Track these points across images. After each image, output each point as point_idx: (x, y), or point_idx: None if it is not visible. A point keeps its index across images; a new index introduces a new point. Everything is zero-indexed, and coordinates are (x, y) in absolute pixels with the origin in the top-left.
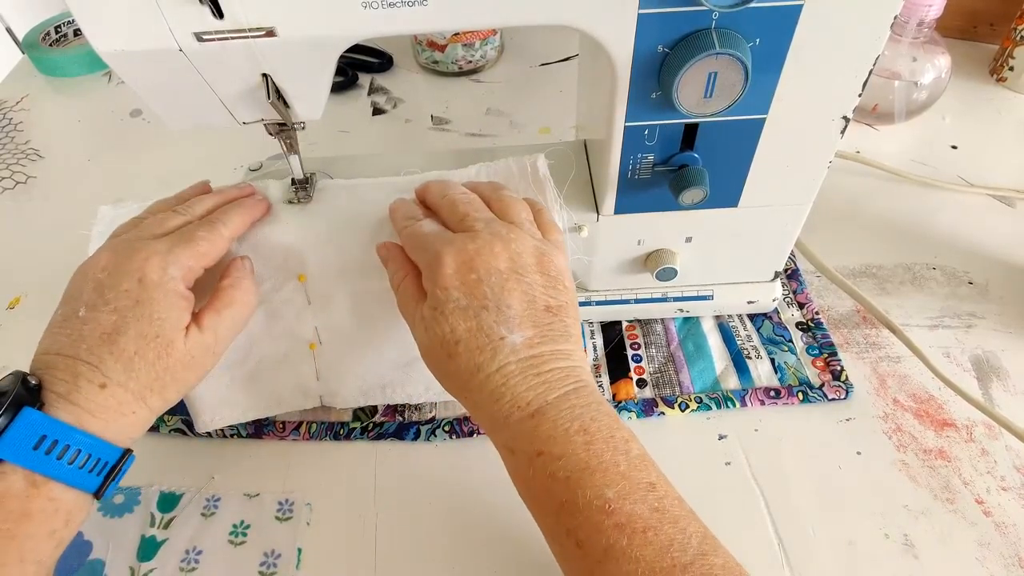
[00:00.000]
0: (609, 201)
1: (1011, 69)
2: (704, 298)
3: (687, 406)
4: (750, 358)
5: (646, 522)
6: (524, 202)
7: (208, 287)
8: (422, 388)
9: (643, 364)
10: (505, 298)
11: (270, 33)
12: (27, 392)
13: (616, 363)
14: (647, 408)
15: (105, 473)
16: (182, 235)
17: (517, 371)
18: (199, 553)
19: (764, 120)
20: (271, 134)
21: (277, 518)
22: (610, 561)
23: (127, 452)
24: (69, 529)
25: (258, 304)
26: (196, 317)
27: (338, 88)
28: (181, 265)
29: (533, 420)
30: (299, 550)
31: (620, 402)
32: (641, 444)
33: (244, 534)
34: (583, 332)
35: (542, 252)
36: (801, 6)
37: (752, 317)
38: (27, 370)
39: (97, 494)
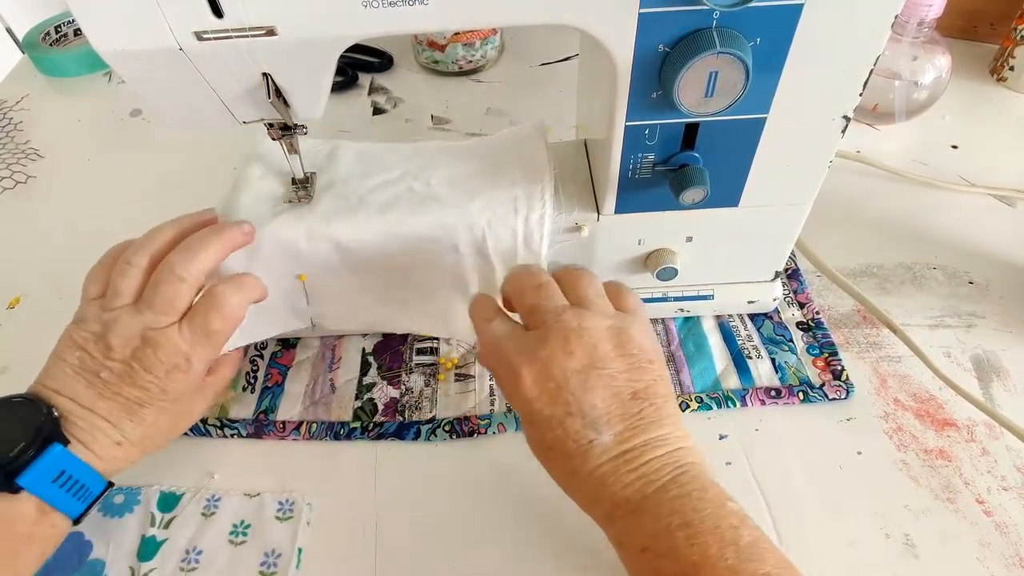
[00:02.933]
0: (609, 201)
1: (1011, 69)
2: (704, 298)
3: (688, 406)
4: (751, 358)
5: None
6: (595, 275)
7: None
8: (426, 324)
9: None
10: (588, 399)
11: (270, 32)
12: (53, 426)
13: None
14: None
15: (89, 502)
16: (200, 330)
17: (611, 471)
18: (199, 553)
19: (765, 120)
20: (273, 139)
21: (277, 518)
22: None
23: (110, 485)
24: (51, 552)
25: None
26: (212, 377)
27: (338, 88)
28: (204, 361)
29: (634, 516)
30: (299, 550)
31: None
32: (754, 527)
33: (244, 534)
34: None
35: (619, 331)
36: (802, 6)
37: (752, 317)
38: (33, 381)
39: (77, 520)
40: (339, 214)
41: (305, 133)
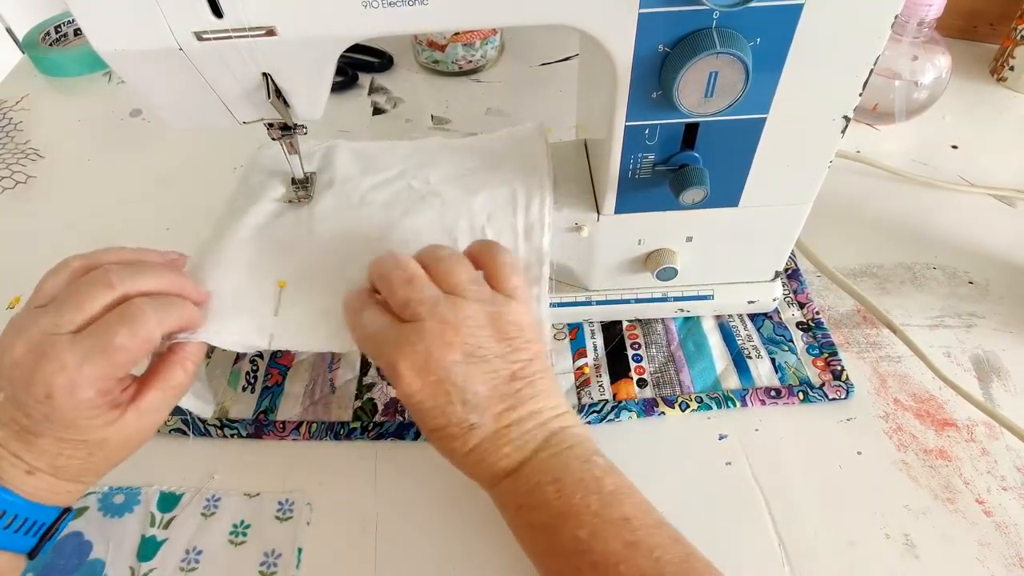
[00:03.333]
0: (609, 201)
1: (1011, 69)
2: (704, 298)
3: (687, 406)
4: (750, 358)
5: (618, 557)
6: (465, 259)
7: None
8: None
9: (643, 364)
10: (469, 387)
11: (270, 32)
12: None
13: (616, 363)
14: (648, 408)
15: (41, 534)
16: (98, 340)
17: (491, 447)
18: (199, 553)
19: (765, 120)
20: (273, 139)
21: (277, 518)
22: None
23: (65, 511)
24: None
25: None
26: (136, 393)
27: (338, 88)
28: (94, 382)
29: (509, 480)
30: (299, 550)
31: (620, 402)
32: (620, 476)
33: (244, 534)
34: (583, 332)
35: (496, 316)
36: (802, 6)
37: (752, 317)
38: None
39: (31, 554)
40: (339, 212)
41: (305, 133)
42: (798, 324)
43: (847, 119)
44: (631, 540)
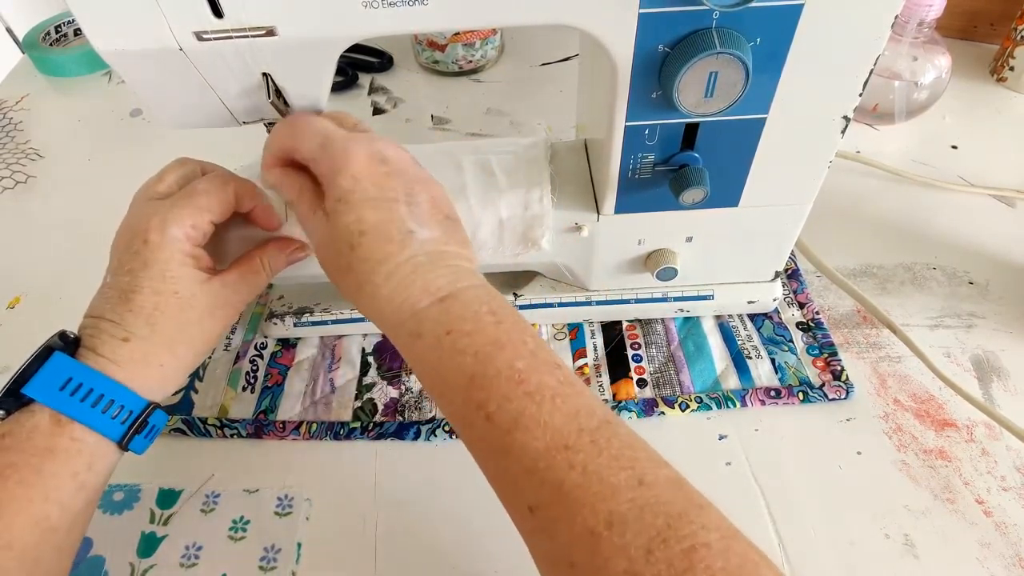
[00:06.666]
0: (609, 201)
1: (1011, 69)
2: (704, 298)
3: (687, 406)
4: (750, 358)
5: (555, 390)
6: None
7: (231, 245)
8: None
9: (643, 364)
10: (416, 194)
11: (270, 32)
12: (63, 342)
13: (616, 363)
14: (647, 408)
15: (129, 423)
16: (184, 191)
17: (427, 262)
18: (199, 549)
19: (764, 120)
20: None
21: (276, 513)
22: (519, 430)
23: (153, 405)
24: (92, 474)
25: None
26: (222, 273)
27: (338, 88)
28: (183, 223)
29: (443, 304)
30: (299, 545)
31: (620, 402)
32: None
33: (244, 529)
34: (583, 332)
35: (415, 159)
36: (802, 6)
37: (752, 317)
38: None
39: (121, 443)
40: None
41: None
42: (798, 324)
43: (847, 119)
44: (564, 380)
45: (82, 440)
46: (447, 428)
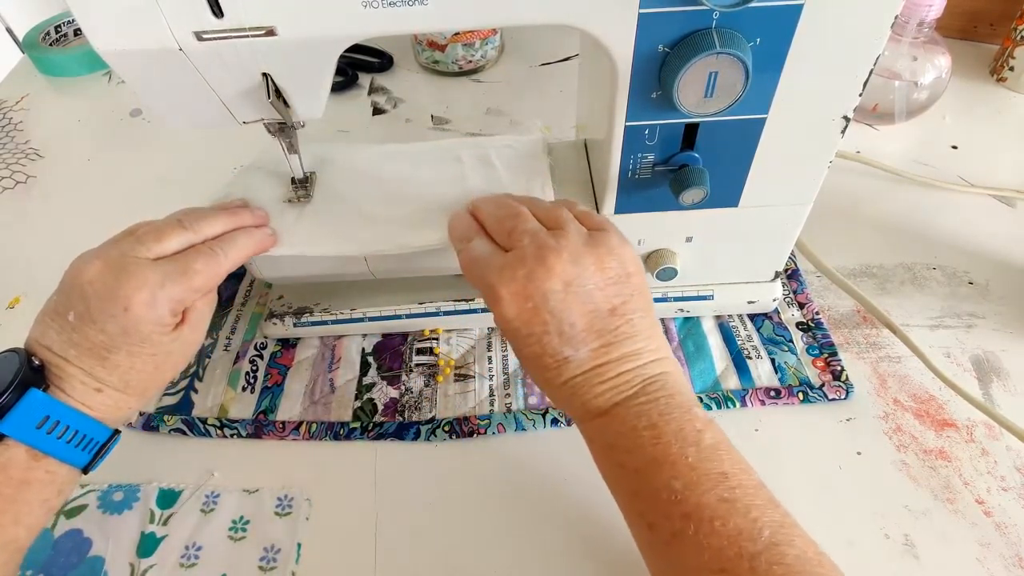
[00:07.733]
0: (609, 201)
1: (1011, 69)
2: (704, 298)
3: None
4: (750, 358)
5: (714, 512)
6: (561, 202)
7: None
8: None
9: None
10: (566, 317)
11: (270, 32)
12: (32, 373)
13: None
14: None
15: (95, 451)
16: (179, 265)
17: (583, 383)
18: (199, 549)
19: (764, 120)
20: (271, 133)
21: (276, 513)
22: (677, 545)
23: (115, 433)
24: (60, 499)
25: None
26: (187, 315)
27: (338, 88)
28: (171, 300)
29: (603, 419)
30: (299, 545)
31: None
32: (718, 431)
33: (244, 529)
34: None
35: (596, 245)
36: (801, 6)
37: (752, 317)
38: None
39: (85, 469)
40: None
41: (303, 126)
42: (798, 324)
43: (847, 119)
44: (727, 497)
45: (56, 472)
46: (447, 428)
